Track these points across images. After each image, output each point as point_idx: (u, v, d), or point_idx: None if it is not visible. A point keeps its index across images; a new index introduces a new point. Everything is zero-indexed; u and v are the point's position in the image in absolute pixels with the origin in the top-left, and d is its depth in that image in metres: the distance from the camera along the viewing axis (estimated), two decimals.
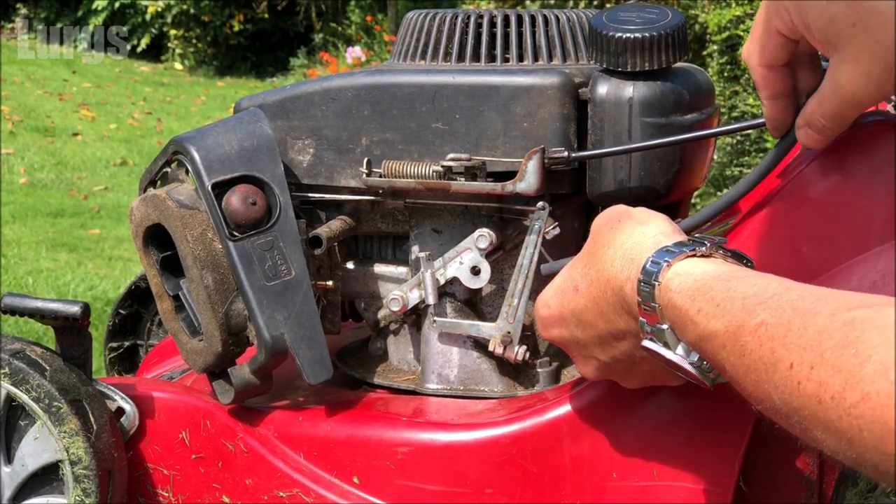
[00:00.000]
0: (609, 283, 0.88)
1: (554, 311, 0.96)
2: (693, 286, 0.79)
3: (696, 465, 1.01)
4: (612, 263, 0.88)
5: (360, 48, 7.78)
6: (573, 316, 0.93)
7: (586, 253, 0.93)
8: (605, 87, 1.07)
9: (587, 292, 0.91)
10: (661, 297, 0.81)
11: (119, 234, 4.36)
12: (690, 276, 0.80)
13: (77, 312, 1.11)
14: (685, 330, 0.79)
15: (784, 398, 0.67)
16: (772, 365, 0.68)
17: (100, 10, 10.16)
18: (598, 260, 0.90)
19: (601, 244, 0.90)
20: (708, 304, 0.76)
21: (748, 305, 0.73)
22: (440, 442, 1.07)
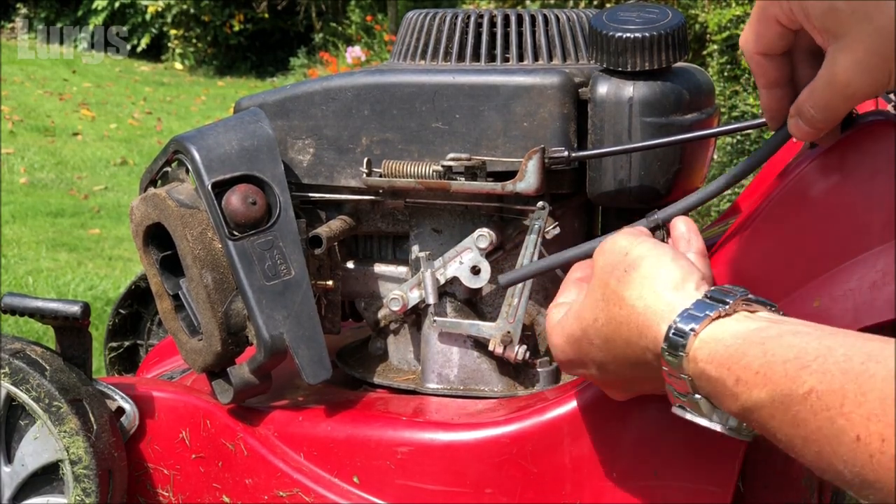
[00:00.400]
0: (629, 347, 0.85)
1: (572, 357, 0.93)
2: (725, 354, 0.75)
3: (696, 465, 1.01)
4: (626, 326, 0.84)
5: (360, 48, 7.78)
6: (593, 364, 0.91)
7: (593, 305, 0.89)
8: (605, 87, 1.07)
9: (605, 348, 0.88)
10: (691, 368, 0.78)
11: (119, 233, 4.36)
12: (720, 342, 0.76)
13: (77, 312, 1.11)
14: (724, 402, 0.76)
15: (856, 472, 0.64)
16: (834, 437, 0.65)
17: (100, 10, 10.16)
18: (612, 319, 0.86)
19: (611, 302, 0.86)
20: (745, 372, 0.73)
21: (791, 372, 0.69)
22: (440, 442, 1.07)
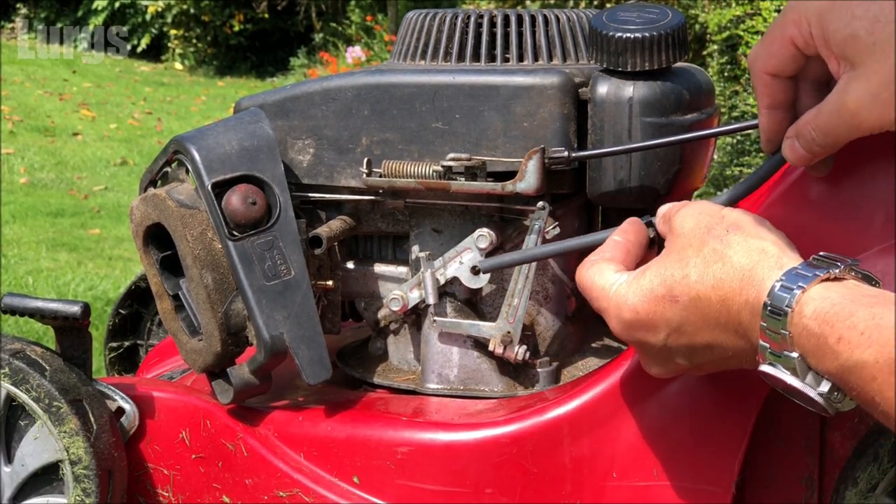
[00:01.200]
0: (723, 303, 0.83)
1: (643, 317, 0.89)
2: (831, 312, 0.74)
3: (696, 465, 1.01)
4: (725, 282, 0.83)
5: (360, 48, 7.78)
6: (667, 326, 0.87)
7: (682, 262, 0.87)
8: (605, 87, 1.07)
9: (691, 306, 0.85)
10: (794, 324, 0.77)
11: (119, 233, 4.36)
12: (827, 300, 0.75)
13: (77, 312, 1.11)
14: (823, 359, 0.75)
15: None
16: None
17: (100, 10, 10.16)
18: (708, 275, 0.84)
19: (710, 259, 0.84)
20: (850, 331, 0.72)
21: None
22: (440, 442, 1.07)
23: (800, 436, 1.05)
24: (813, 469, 1.05)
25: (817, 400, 0.78)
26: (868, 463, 0.95)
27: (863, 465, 0.95)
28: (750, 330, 0.81)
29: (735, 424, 1.00)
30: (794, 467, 1.05)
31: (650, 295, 0.88)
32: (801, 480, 1.05)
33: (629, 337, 0.92)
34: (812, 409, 0.80)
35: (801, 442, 1.05)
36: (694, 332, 0.86)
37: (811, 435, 1.05)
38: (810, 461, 1.05)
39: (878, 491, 0.95)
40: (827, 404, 0.77)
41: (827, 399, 0.77)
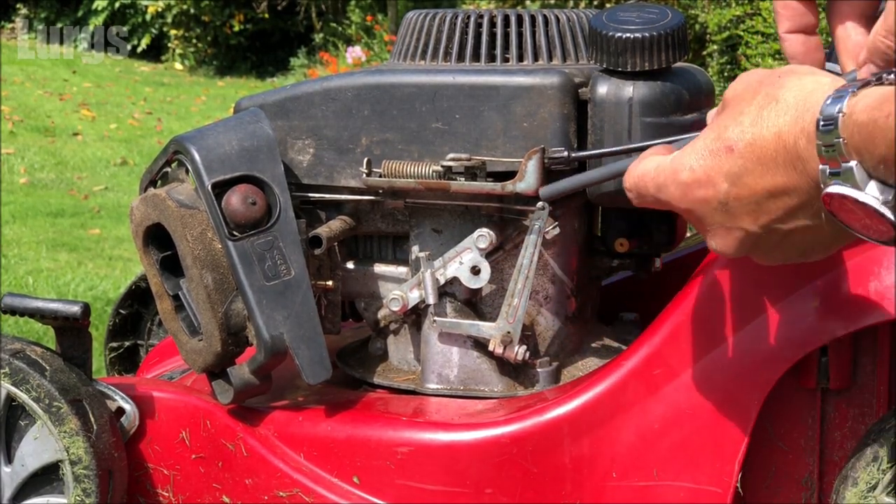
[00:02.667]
0: (779, 139, 0.81)
1: (700, 174, 0.86)
2: (879, 99, 0.74)
3: (696, 465, 1.01)
4: (780, 118, 0.81)
5: (360, 48, 7.78)
6: (726, 178, 0.85)
7: (736, 115, 0.85)
8: (605, 87, 1.07)
9: (747, 151, 0.83)
10: (846, 126, 0.75)
11: (119, 234, 4.36)
12: (875, 94, 0.75)
13: (77, 312, 1.11)
14: (875, 144, 0.73)
15: None
16: None
17: (100, 11, 10.16)
18: (763, 117, 0.83)
19: (763, 103, 0.83)
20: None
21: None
22: (440, 442, 1.07)
23: (800, 436, 1.05)
24: (813, 469, 1.05)
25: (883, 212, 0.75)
26: (868, 463, 0.95)
27: (863, 465, 0.95)
28: (808, 160, 0.79)
29: (735, 424, 1.00)
30: (794, 467, 1.05)
31: (706, 150, 0.86)
32: (801, 480, 1.05)
33: (689, 201, 0.88)
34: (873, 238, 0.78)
35: (801, 442, 1.05)
36: (753, 180, 0.83)
37: (811, 435, 1.05)
38: (810, 461, 1.05)
39: (878, 491, 0.95)
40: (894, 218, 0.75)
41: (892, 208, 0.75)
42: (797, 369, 1.02)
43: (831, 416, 1.04)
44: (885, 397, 1.03)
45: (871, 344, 1.03)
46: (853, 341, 1.02)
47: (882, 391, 1.03)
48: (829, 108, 0.76)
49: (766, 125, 0.82)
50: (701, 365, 1.02)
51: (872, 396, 1.03)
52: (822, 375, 1.02)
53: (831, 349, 1.01)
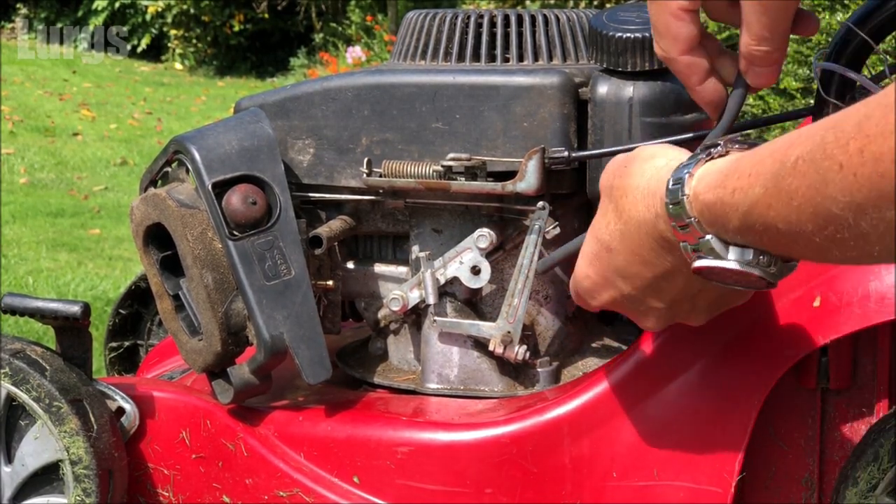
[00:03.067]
0: (641, 228, 0.86)
1: (596, 278, 0.93)
2: (720, 176, 0.77)
3: (696, 465, 1.01)
4: (635, 208, 0.86)
5: (360, 48, 7.78)
6: (616, 274, 0.91)
7: (604, 213, 0.91)
8: (605, 87, 1.07)
9: (623, 247, 0.88)
10: (695, 207, 0.79)
11: (119, 234, 4.36)
12: (715, 170, 0.78)
13: (77, 312, 1.11)
14: (727, 220, 0.77)
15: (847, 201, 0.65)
16: (822, 182, 0.66)
17: (100, 11, 10.16)
18: (621, 212, 0.88)
19: (618, 196, 0.88)
20: (740, 180, 0.74)
21: (779, 154, 0.71)
22: (440, 442, 1.07)
23: (800, 436, 1.05)
24: (813, 469, 1.05)
25: (751, 272, 0.79)
26: (868, 463, 0.95)
27: (863, 465, 0.95)
28: (672, 239, 0.83)
29: (735, 424, 1.00)
30: (794, 467, 1.05)
31: (592, 257, 0.93)
32: (801, 480, 1.05)
33: (599, 303, 0.95)
34: (755, 287, 0.82)
35: (801, 442, 1.05)
36: (639, 270, 0.89)
37: (811, 435, 1.05)
38: (810, 461, 1.05)
39: (879, 491, 0.95)
40: (762, 272, 0.79)
41: (757, 266, 0.79)
42: (797, 369, 1.02)
43: (831, 416, 1.04)
44: (885, 397, 1.03)
45: (871, 344, 1.03)
46: (853, 341, 1.02)
47: (882, 391, 1.03)
48: (672, 191, 0.81)
49: (627, 218, 0.87)
50: (701, 365, 1.02)
51: (872, 396, 1.03)
52: (822, 375, 1.02)
53: (831, 349, 1.01)
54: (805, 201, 0.68)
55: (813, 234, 0.69)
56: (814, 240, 0.70)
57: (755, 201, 0.73)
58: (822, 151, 0.67)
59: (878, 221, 0.64)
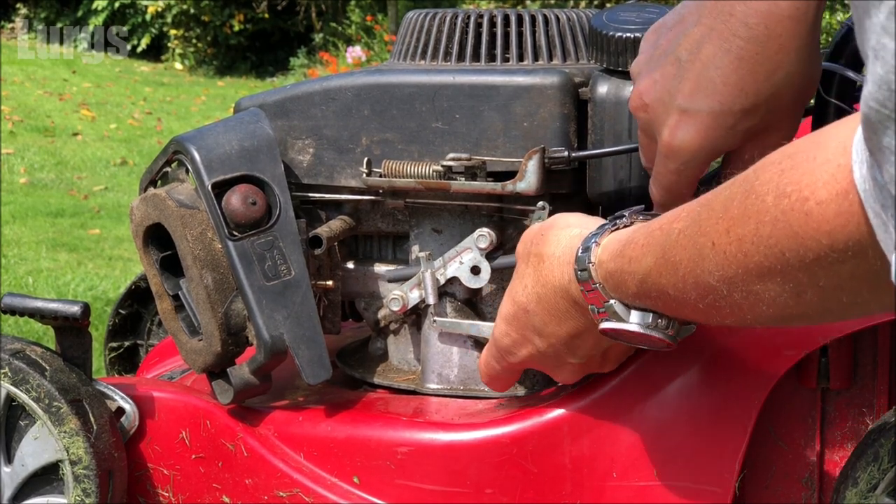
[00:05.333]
0: (556, 292, 0.92)
1: (516, 336, 0.99)
2: (619, 246, 0.84)
3: (696, 465, 1.01)
4: (551, 273, 0.93)
5: (360, 48, 7.78)
6: (534, 333, 0.97)
7: (521, 277, 0.97)
8: (606, 87, 1.07)
9: (539, 308, 0.95)
10: (600, 274, 0.86)
11: (119, 234, 4.36)
12: (616, 241, 0.85)
13: (77, 312, 1.11)
14: (626, 287, 0.84)
15: (720, 275, 0.72)
16: (699, 257, 0.73)
17: (100, 10, 10.17)
18: (538, 276, 0.94)
19: (535, 263, 0.95)
20: (634, 249, 0.81)
21: (665, 227, 0.78)
22: (440, 442, 1.07)
23: (800, 436, 1.05)
24: (813, 469, 1.05)
25: (650, 334, 0.86)
26: (868, 463, 0.95)
27: (863, 465, 0.95)
28: (582, 301, 0.90)
29: (735, 424, 1.00)
30: (794, 467, 1.05)
31: (511, 318, 0.99)
32: (801, 480, 1.05)
33: (518, 360, 1.01)
34: (657, 347, 0.88)
35: (801, 442, 1.05)
36: (554, 329, 0.95)
37: (811, 435, 1.05)
38: (810, 461, 1.05)
39: (879, 491, 0.95)
40: (661, 334, 0.86)
41: (656, 328, 0.86)
42: (797, 369, 1.02)
43: (831, 416, 1.05)
44: (885, 397, 1.03)
45: (871, 344, 1.03)
46: (853, 341, 1.02)
47: (882, 391, 1.03)
48: (580, 258, 0.88)
49: (544, 282, 0.94)
50: (701, 365, 1.02)
51: (873, 396, 1.03)
52: (822, 375, 1.02)
53: (831, 349, 1.01)
54: (687, 272, 0.75)
55: (696, 301, 0.76)
56: (698, 306, 0.77)
57: (648, 270, 0.80)
58: (697, 227, 0.74)
59: (747, 293, 0.71)
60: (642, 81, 0.93)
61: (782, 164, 0.66)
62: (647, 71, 0.93)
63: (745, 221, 0.68)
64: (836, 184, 0.61)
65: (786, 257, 0.66)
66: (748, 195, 0.68)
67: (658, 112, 0.91)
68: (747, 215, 0.68)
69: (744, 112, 0.87)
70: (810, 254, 0.64)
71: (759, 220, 0.67)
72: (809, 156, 0.64)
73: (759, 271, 0.69)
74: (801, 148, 0.65)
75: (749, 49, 0.84)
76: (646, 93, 0.92)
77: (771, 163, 0.68)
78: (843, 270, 0.64)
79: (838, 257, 0.63)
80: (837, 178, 0.61)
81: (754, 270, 0.69)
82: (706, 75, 0.87)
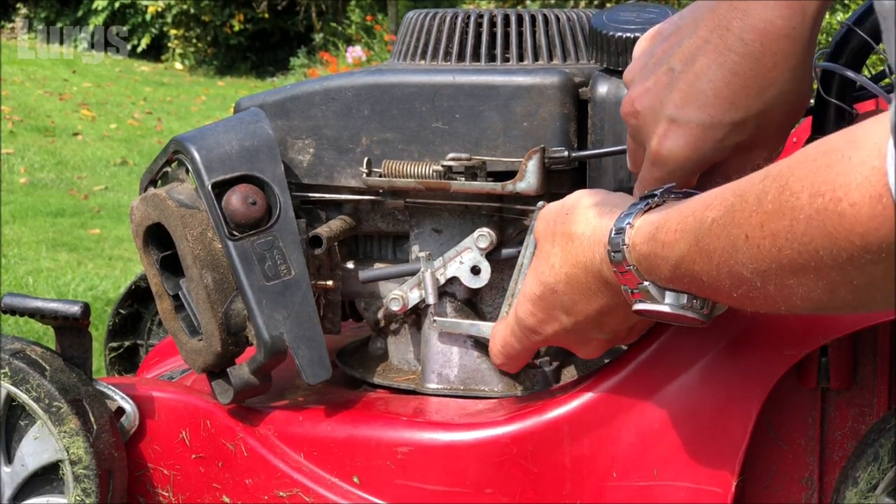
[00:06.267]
0: (587, 271, 0.92)
1: (542, 316, 0.99)
2: (652, 229, 0.84)
3: (696, 465, 1.01)
4: (582, 253, 0.93)
5: (361, 48, 7.78)
6: (562, 312, 0.97)
7: (546, 257, 0.97)
8: (606, 87, 1.07)
9: (568, 287, 0.95)
10: (634, 256, 0.86)
11: (119, 233, 4.36)
12: (649, 223, 0.85)
13: (77, 312, 1.11)
14: (659, 271, 0.84)
15: (754, 267, 0.72)
16: (732, 248, 0.73)
17: (100, 10, 10.16)
18: (567, 256, 0.94)
19: (562, 242, 0.95)
20: (668, 234, 0.81)
21: (698, 214, 0.78)
22: (440, 442, 1.07)
23: (800, 436, 1.05)
24: (813, 469, 1.05)
25: (685, 314, 0.87)
26: (868, 463, 0.95)
27: (863, 465, 0.95)
28: (614, 283, 0.90)
29: (735, 424, 1.00)
30: (794, 467, 1.05)
31: (537, 298, 0.99)
32: (801, 480, 1.05)
33: (544, 337, 1.01)
34: (692, 325, 0.89)
35: (801, 442, 1.05)
36: (583, 307, 0.95)
37: (811, 435, 1.05)
38: (810, 461, 1.05)
39: (879, 491, 0.95)
40: (695, 314, 0.87)
41: (691, 309, 0.86)
42: (797, 369, 1.02)
43: (832, 416, 1.05)
44: (885, 397, 1.03)
45: (871, 344, 1.03)
46: (853, 341, 1.02)
47: (882, 391, 1.03)
48: (614, 240, 0.88)
49: (573, 262, 0.94)
50: (701, 365, 1.02)
51: (873, 396, 1.03)
52: (822, 375, 1.02)
53: (831, 349, 1.01)
54: (721, 262, 0.76)
55: (731, 290, 0.77)
56: (732, 294, 0.77)
57: (682, 256, 0.80)
58: (731, 218, 0.74)
59: (780, 287, 0.72)
60: (635, 88, 0.93)
61: (817, 161, 0.66)
62: (640, 78, 0.93)
63: (780, 217, 0.68)
64: (871, 187, 0.61)
65: (819, 255, 0.66)
66: (783, 191, 0.68)
67: (648, 120, 0.92)
68: (782, 211, 0.68)
69: (733, 126, 0.87)
70: (843, 254, 0.64)
71: (793, 217, 0.67)
72: (844, 155, 0.64)
73: (792, 267, 0.69)
74: (835, 146, 0.65)
75: (743, 64, 0.85)
76: (637, 100, 0.92)
77: (806, 159, 0.68)
78: (876, 271, 0.64)
79: (872, 258, 0.63)
80: (871, 181, 0.61)
81: (788, 266, 0.69)
82: (698, 87, 0.87)
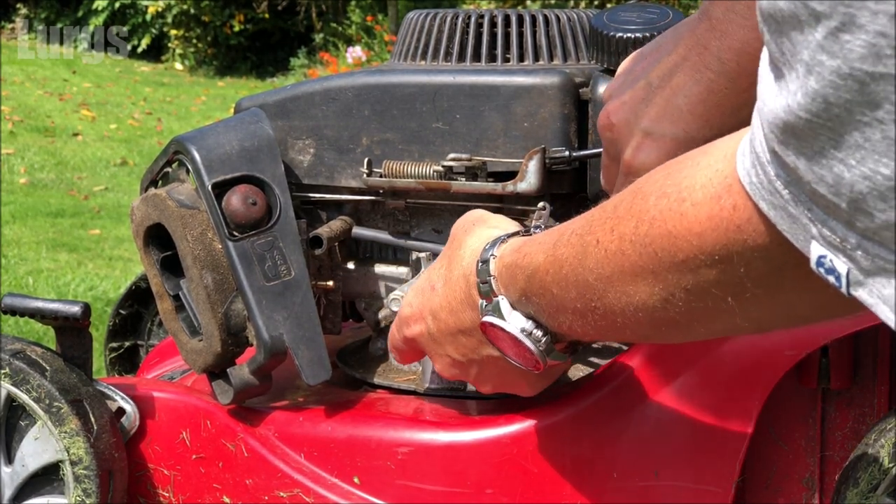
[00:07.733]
0: (459, 280, 0.94)
1: (415, 309, 1.00)
2: (519, 243, 0.87)
3: (696, 465, 1.01)
4: (462, 262, 0.94)
5: (361, 48, 7.78)
6: (429, 313, 0.98)
7: (443, 255, 0.98)
8: (606, 87, 1.06)
9: (442, 290, 0.96)
10: (495, 267, 0.88)
11: (119, 234, 4.36)
12: (519, 239, 0.88)
13: (77, 312, 1.11)
14: (516, 282, 0.85)
15: (599, 273, 0.74)
16: (583, 255, 0.75)
17: (100, 11, 10.16)
18: (452, 261, 0.96)
19: (455, 247, 0.96)
20: (532, 246, 0.84)
21: (563, 229, 0.80)
22: (440, 442, 1.07)
23: (800, 436, 1.05)
24: (813, 469, 1.05)
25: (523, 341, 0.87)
26: (869, 463, 0.95)
27: (864, 466, 0.95)
28: (476, 298, 0.91)
29: (735, 424, 1.00)
30: (795, 467, 1.05)
31: (419, 290, 1.00)
32: (801, 480, 1.05)
33: (407, 333, 1.01)
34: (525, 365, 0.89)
35: (802, 442, 1.05)
36: (446, 317, 0.96)
37: (811, 435, 1.05)
38: (810, 461, 1.05)
39: (880, 491, 0.95)
40: (532, 343, 0.87)
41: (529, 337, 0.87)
42: (798, 369, 1.02)
43: (832, 416, 1.05)
44: (885, 397, 1.03)
45: (872, 344, 1.03)
46: (853, 341, 1.02)
47: (883, 391, 1.03)
48: (486, 253, 0.90)
49: (456, 269, 0.95)
50: (701, 365, 1.02)
51: (873, 396, 1.03)
52: (822, 376, 1.02)
53: (832, 349, 1.01)
54: (570, 270, 0.77)
55: (575, 300, 0.78)
56: (576, 306, 0.78)
57: (537, 266, 0.82)
58: (588, 227, 0.76)
59: (620, 294, 0.73)
60: (612, 102, 0.94)
61: (670, 167, 0.69)
62: (617, 93, 0.94)
63: (628, 220, 0.70)
64: (712, 187, 0.63)
65: (658, 257, 0.68)
66: (636, 195, 0.71)
67: (623, 133, 0.92)
68: (630, 214, 0.70)
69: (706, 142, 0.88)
70: (680, 254, 0.66)
71: (639, 219, 0.69)
72: (695, 160, 0.66)
73: (633, 270, 0.70)
74: (690, 154, 0.68)
75: (719, 82, 0.85)
76: (613, 113, 0.93)
77: (664, 167, 0.70)
78: (709, 275, 0.65)
79: (706, 260, 0.64)
80: (714, 182, 0.63)
81: (629, 269, 0.71)
82: (674, 102, 0.88)
